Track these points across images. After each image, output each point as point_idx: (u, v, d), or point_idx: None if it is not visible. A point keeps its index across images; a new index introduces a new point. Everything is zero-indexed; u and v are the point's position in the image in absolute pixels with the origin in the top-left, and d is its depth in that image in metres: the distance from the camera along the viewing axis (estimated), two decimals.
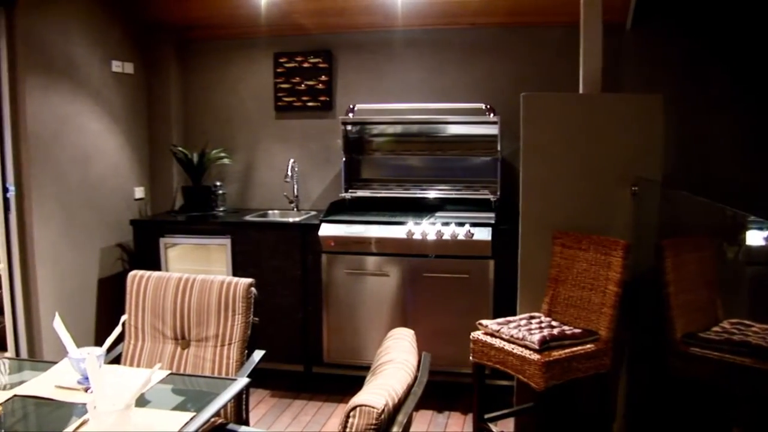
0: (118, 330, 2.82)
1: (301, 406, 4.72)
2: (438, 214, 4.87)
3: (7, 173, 4.65)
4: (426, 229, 4.63)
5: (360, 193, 5.25)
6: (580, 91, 4.16)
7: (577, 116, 3.97)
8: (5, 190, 4.66)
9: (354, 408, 1.73)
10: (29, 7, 4.64)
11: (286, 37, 5.63)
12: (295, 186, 5.57)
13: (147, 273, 3.33)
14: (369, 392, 1.80)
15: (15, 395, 2.57)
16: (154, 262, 5.23)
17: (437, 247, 4.62)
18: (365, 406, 1.72)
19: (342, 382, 4.92)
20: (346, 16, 5.31)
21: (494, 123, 4.96)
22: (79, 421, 2.28)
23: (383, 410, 1.72)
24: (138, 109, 5.74)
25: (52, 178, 4.85)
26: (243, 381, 2.67)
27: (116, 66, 5.46)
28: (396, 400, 1.83)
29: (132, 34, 5.64)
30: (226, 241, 5.09)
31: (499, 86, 5.21)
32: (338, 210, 5.07)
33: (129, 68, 5.60)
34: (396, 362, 2.07)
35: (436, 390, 4.65)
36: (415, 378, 2.11)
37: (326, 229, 4.81)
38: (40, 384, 2.67)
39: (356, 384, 4.41)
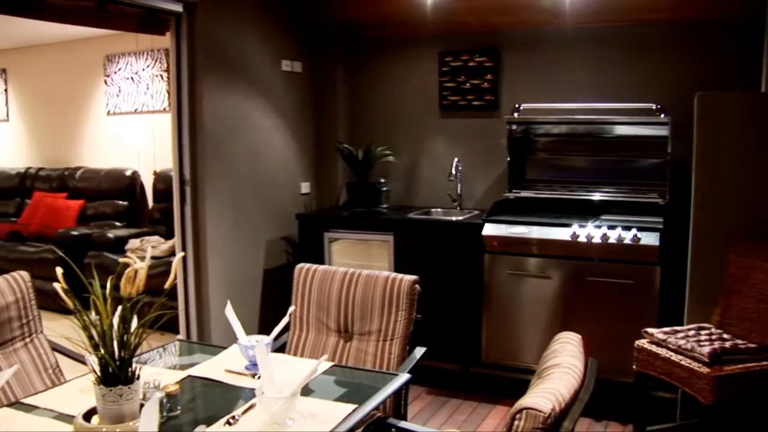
0: (285, 320, 2.90)
1: (457, 405, 4.70)
2: (603, 216, 4.71)
3: (184, 166, 4.90)
4: (591, 231, 4.49)
5: (524, 194, 5.16)
6: (762, 89, 3.92)
7: (759, 116, 3.74)
8: (182, 182, 4.91)
9: (520, 410, 1.69)
10: (208, 11, 4.86)
11: (451, 35, 5.63)
12: (459, 185, 5.55)
13: (313, 266, 3.40)
14: (536, 395, 1.76)
15: (189, 376, 2.70)
16: (317, 256, 5.35)
17: (602, 250, 4.47)
18: (532, 409, 1.67)
19: (498, 383, 4.86)
20: (513, 14, 5.23)
21: (664, 124, 4.74)
22: (247, 404, 2.36)
23: (550, 415, 1.67)
24: (305, 106, 5.90)
25: (225, 172, 5.05)
26: (404, 377, 2.67)
27: (286, 65, 5.63)
28: (562, 406, 1.77)
29: (301, 34, 5.80)
30: (389, 238, 5.14)
31: (669, 85, 4.97)
32: (502, 210, 5.01)
33: (298, 67, 5.76)
34: (563, 366, 2.01)
35: (594, 397, 4.51)
36: (582, 384, 2.04)
37: (489, 229, 4.76)
38: (210, 367, 2.78)
39: (513, 386, 4.36)
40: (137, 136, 7.85)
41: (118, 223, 7.62)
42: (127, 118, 8.00)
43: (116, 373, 2.07)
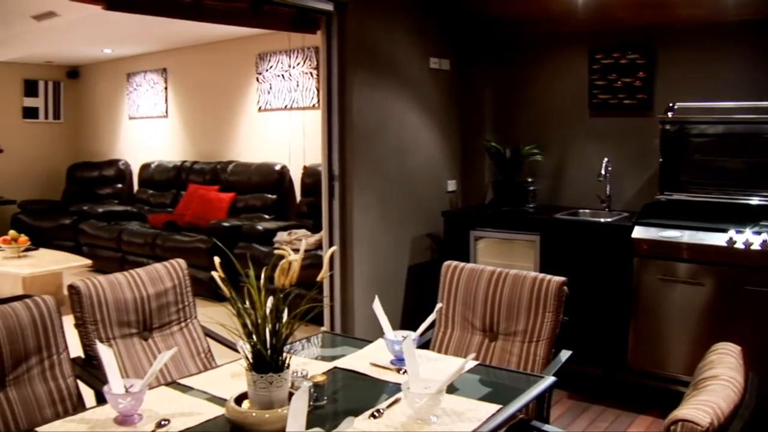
0: (432, 317, 2.92)
1: (599, 411, 4.59)
2: (762, 222, 4.47)
3: (333, 162, 5.00)
4: (749, 237, 4.27)
5: (676, 196, 4.97)
6: None
7: None
8: (331, 177, 5.01)
9: (676, 422, 1.63)
10: (358, 9, 4.95)
11: (601, 32, 5.48)
12: (608, 185, 5.41)
13: (461, 264, 3.40)
14: (692, 407, 1.69)
15: (335, 367, 2.75)
16: (462, 254, 5.35)
17: (762, 258, 4.24)
18: (689, 422, 1.61)
19: (643, 392, 4.70)
20: (669, 7, 5.04)
21: None
22: (392, 399, 2.38)
23: (708, 429, 1.60)
24: (453, 104, 5.90)
25: (372, 168, 5.13)
26: (550, 379, 2.64)
27: (434, 63, 5.66)
28: (721, 420, 1.69)
29: (449, 32, 5.80)
30: (535, 238, 5.07)
31: None
32: (652, 212, 4.84)
33: (445, 65, 5.78)
34: (721, 379, 1.92)
35: (755, 416, 4.29)
36: (742, 399, 1.95)
37: (639, 232, 4.62)
38: (356, 360, 2.83)
39: (658, 396, 4.22)
40: (287, 132, 8.07)
41: (266, 216, 7.87)
42: (277, 114, 8.25)
43: (268, 361, 2.14)
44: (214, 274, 2.31)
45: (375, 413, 2.27)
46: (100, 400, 2.63)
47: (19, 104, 10.98)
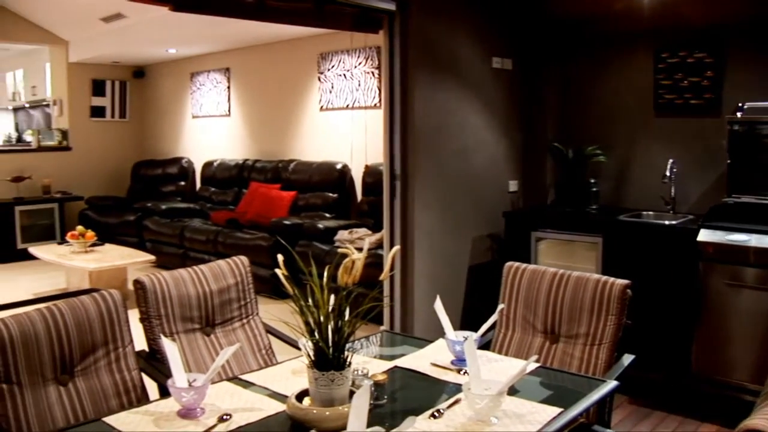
0: (494, 318, 2.90)
1: (660, 418, 4.50)
2: None
3: (395, 162, 5.01)
4: None
5: (745, 199, 4.85)
6: None
7: None
8: (392, 176, 5.02)
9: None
10: (420, 9, 4.95)
11: (667, 30, 5.37)
12: (673, 187, 5.31)
13: (522, 265, 3.37)
14: (764, 418, 1.65)
15: (395, 366, 2.75)
16: (523, 255, 5.30)
17: None
18: None
19: (707, 400, 4.59)
20: (737, 4, 4.92)
21: None
22: (452, 399, 2.38)
23: None
24: (514, 104, 5.86)
25: (434, 167, 5.12)
26: (612, 384, 2.60)
27: (496, 62, 5.62)
28: None
29: (512, 31, 5.76)
30: (598, 240, 5.00)
31: None
32: (719, 215, 4.73)
33: (508, 64, 5.74)
34: None
35: None
36: None
37: (705, 235, 4.52)
38: (417, 359, 2.83)
39: (723, 404, 4.13)
40: (348, 131, 8.11)
41: (327, 215, 7.92)
42: (339, 114, 8.29)
43: (329, 359, 2.15)
44: (277, 271, 2.34)
45: (435, 413, 2.26)
46: (163, 393, 2.68)
47: (88, 103, 11.26)
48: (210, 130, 10.55)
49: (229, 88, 10.05)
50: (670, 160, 5.24)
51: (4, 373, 2.48)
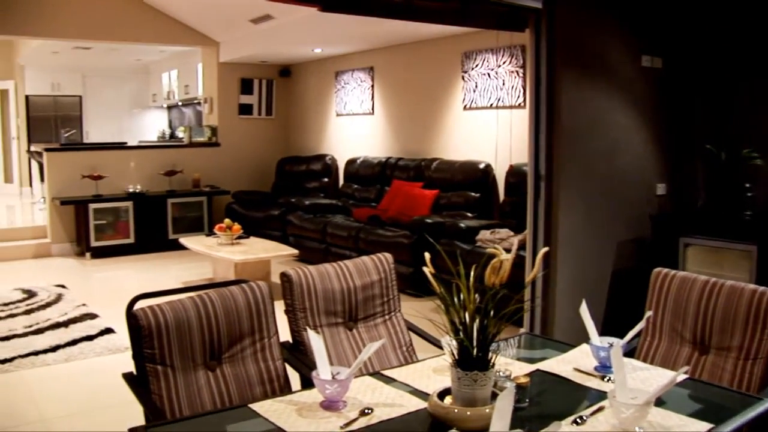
0: (641, 325, 2.82)
1: None
2: None
3: (539, 162, 4.94)
4: None
5: None
6: None
7: None
8: (537, 177, 4.96)
9: None
10: (567, 6, 4.85)
11: None
12: None
13: (672, 272, 3.25)
14: None
15: (537, 369, 2.72)
16: (670, 261, 5.11)
17: None
18: None
19: None
20: None
21: None
22: (595, 406, 2.33)
23: None
24: (664, 103, 5.66)
25: (579, 168, 5.02)
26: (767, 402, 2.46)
27: (645, 60, 5.45)
28: None
29: (662, 28, 5.56)
30: (752, 248, 4.77)
31: None
32: None
33: (657, 63, 5.54)
34: None
35: None
36: None
37: None
38: (559, 363, 2.79)
39: None
40: (492, 130, 8.05)
41: (469, 214, 7.89)
42: (482, 113, 8.25)
43: (473, 359, 2.15)
44: (425, 269, 2.35)
45: (578, 419, 2.22)
46: (305, 384, 2.75)
47: (236, 101, 11.71)
48: (353, 127, 10.73)
49: (372, 86, 10.18)
50: None
51: (160, 356, 2.62)
